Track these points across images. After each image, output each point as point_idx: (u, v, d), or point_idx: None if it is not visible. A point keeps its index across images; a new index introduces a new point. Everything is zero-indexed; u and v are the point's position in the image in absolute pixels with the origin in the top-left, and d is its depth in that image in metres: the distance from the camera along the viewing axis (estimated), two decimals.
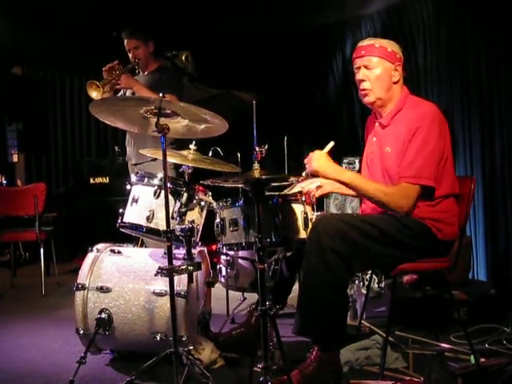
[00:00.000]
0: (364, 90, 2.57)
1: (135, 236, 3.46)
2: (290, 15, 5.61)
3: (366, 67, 2.55)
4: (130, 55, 3.92)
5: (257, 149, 2.37)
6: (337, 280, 2.32)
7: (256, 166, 2.32)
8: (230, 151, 3.37)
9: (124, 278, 2.71)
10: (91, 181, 5.62)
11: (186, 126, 2.51)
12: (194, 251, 2.62)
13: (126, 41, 3.93)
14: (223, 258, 3.05)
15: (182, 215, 2.64)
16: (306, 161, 2.51)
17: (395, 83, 2.56)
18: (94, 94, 3.52)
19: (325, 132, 6.10)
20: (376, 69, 2.53)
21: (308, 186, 2.72)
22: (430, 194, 2.44)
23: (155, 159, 3.65)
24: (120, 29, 4.00)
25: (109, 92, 3.74)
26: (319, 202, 2.90)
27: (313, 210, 2.67)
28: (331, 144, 2.56)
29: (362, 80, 2.56)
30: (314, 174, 2.50)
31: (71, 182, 6.30)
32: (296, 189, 2.71)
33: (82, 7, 5.28)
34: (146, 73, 4.02)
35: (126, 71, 3.76)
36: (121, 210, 2.79)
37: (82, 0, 5.15)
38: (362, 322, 3.19)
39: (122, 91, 3.95)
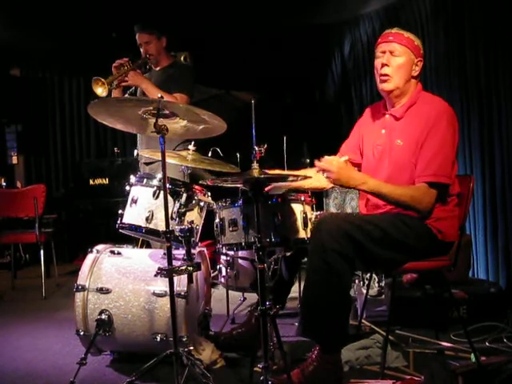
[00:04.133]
0: (385, 75, 2.52)
1: (135, 237, 3.47)
2: (288, 15, 5.61)
3: (391, 53, 2.52)
4: (142, 50, 3.84)
5: (256, 148, 2.37)
6: (340, 281, 2.30)
7: (255, 165, 2.31)
8: (230, 152, 3.38)
9: (124, 279, 2.71)
10: (91, 182, 5.63)
11: (185, 127, 2.51)
12: (193, 251, 2.61)
13: (137, 35, 3.84)
14: (223, 258, 3.06)
15: (181, 216, 2.64)
16: (321, 166, 2.39)
17: (413, 77, 2.56)
18: (100, 90, 3.45)
19: (324, 131, 6.12)
20: (401, 57, 2.51)
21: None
22: (444, 194, 2.44)
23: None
24: (134, 24, 3.89)
25: (118, 89, 3.67)
26: (318, 202, 2.89)
27: (312, 209, 2.67)
28: (346, 157, 2.49)
29: (385, 64, 2.51)
30: (336, 183, 2.41)
31: (71, 184, 6.31)
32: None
33: (81, 8, 5.28)
34: (158, 68, 3.94)
35: (135, 68, 3.67)
36: (120, 211, 2.78)
37: (81, 1, 5.16)
38: (363, 321, 3.19)
39: (132, 88, 3.86)
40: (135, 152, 4.18)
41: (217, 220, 2.67)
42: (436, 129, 2.40)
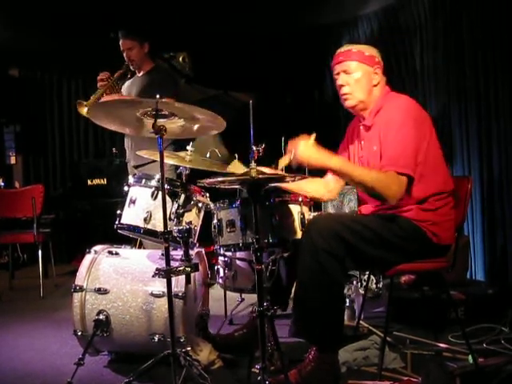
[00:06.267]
0: (345, 94, 2.60)
1: (133, 237, 3.47)
2: (287, 15, 5.62)
3: (345, 72, 2.58)
4: (124, 55, 3.99)
5: (254, 148, 2.36)
6: (332, 281, 2.31)
7: (253, 165, 2.30)
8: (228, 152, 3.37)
9: (122, 280, 2.71)
10: (89, 182, 5.62)
11: (182, 126, 2.50)
12: (191, 252, 2.61)
13: (120, 41, 3.98)
14: (221, 259, 3.05)
15: (179, 216, 2.64)
16: (289, 148, 2.47)
17: (375, 86, 2.59)
18: (85, 110, 3.69)
19: (322, 131, 6.11)
20: (355, 73, 2.57)
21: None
22: (408, 185, 2.38)
23: (154, 161, 3.66)
24: (117, 29, 4.05)
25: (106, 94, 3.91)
26: (316, 203, 2.88)
27: (310, 210, 2.67)
28: (313, 135, 2.51)
29: (342, 85, 2.59)
30: (303, 160, 2.43)
31: (69, 184, 6.30)
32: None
33: (79, 9, 5.28)
34: (140, 74, 4.08)
35: (115, 80, 3.93)
36: (118, 212, 2.78)
37: (79, 2, 5.16)
38: (360, 322, 3.19)
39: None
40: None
41: (215, 221, 2.67)
42: (392, 122, 2.41)
